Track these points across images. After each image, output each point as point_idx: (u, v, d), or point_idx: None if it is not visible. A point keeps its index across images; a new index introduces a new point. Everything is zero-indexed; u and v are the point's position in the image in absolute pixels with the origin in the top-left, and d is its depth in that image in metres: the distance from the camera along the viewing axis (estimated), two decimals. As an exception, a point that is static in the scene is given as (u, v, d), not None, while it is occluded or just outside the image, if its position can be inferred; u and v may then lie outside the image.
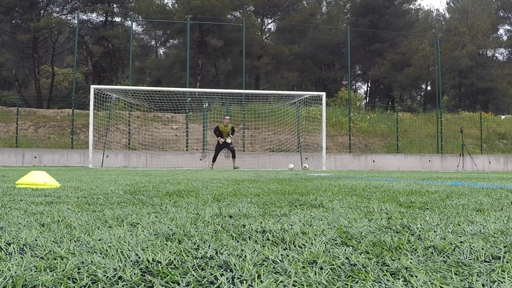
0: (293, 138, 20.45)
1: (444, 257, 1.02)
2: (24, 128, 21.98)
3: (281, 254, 1.03)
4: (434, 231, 1.35)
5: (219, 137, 14.99)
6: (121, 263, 0.94)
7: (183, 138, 20.64)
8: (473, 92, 40.16)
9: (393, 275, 0.87)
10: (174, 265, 0.93)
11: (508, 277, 0.85)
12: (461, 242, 1.18)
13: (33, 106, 27.41)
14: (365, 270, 0.90)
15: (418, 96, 45.94)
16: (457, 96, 42.66)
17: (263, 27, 40.09)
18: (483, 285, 0.82)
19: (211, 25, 31.69)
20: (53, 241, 1.15)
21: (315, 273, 0.87)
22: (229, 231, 1.34)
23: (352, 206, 2.12)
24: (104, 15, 36.92)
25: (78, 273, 0.86)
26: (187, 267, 0.91)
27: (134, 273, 0.86)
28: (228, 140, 15.04)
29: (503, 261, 0.98)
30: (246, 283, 0.82)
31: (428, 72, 36.61)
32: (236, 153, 19.91)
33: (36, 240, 1.16)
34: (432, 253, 1.07)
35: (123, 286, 0.80)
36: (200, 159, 14.93)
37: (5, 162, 17.73)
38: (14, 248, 1.06)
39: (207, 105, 20.07)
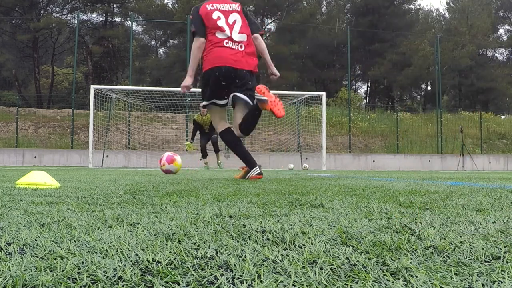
0: (293, 138, 20.45)
1: (444, 257, 1.02)
2: (24, 128, 21.98)
3: (281, 254, 1.03)
4: (434, 231, 1.35)
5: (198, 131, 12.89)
6: (121, 263, 0.94)
7: (183, 138, 20.64)
8: (473, 92, 40.18)
9: (393, 275, 0.87)
10: (174, 265, 0.93)
11: (508, 277, 0.85)
12: (461, 242, 1.18)
13: (33, 106, 27.41)
14: (365, 270, 0.90)
15: (418, 96, 45.96)
16: (457, 96, 42.68)
17: (263, 27, 40.09)
18: (483, 285, 0.82)
19: (211, 25, 31.66)
20: (53, 241, 1.15)
21: (315, 273, 0.87)
22: (229, 231, 1.34)
23: (352, 206, 2.12)
24: (104, 15, 36.95)
25: (78, 273, 0.86)
26: (187, 267, 0.91)
27: (134, 273, 0.86)
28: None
29: (503, 261, 0.98)
30: (246, 283, 0.82)
31: (428, 72, 36.63)
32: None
33: (36, 240, 1.16)
34: (432, 253, 1.07)
35: (123, 286, 0.80)
36: (200, 159, 14.92)
37: (5, 162, 17.72)
38: (14, 248, 1.06)
39: (207, 105, 20.07)
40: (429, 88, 42.71)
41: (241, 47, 4.69)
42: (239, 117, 4.88)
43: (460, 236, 1.27)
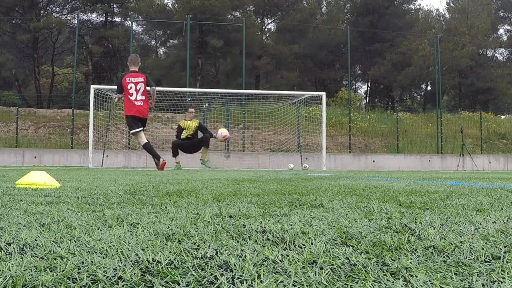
0: (293, 138, 20.45)
1: (444, 257, 1.02)
2: (24, 128, 21.98)
3: (281, 254, 1.03)
4: (434, 231, 1.35)
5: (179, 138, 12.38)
6: (121, 263, 0.94)
7: (183, 138, 20.62)
8: (473, 92, 40.16)
9: (393, 275, 0.87)
10: (174, 265, 0.93)
11: (508, 277, 0.85)
12: (461, 242, 1.18)
13: (33, 106, 27.40)
14: (365, 270, 0.90)
15: (418, 96, 45.94)
16: (457, 96, 42.66)
17: (263, 27, 40.07)
18: (483, 285, 0.82)
19: (211, 25, 31.69)
20: (53, 241, 1.15)
21: (315, 273, 0.87)
22: (229, 231, 1.34)
23: (352, 206, 2.12)
24: (104, 15, 36.93)
25: (78, 273, 0.86)
26: (187, 267, 0.91)
27: (134, 273, 0.86)
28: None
29: (503, 261, 0.98)
30: (246, 283, 0.82)
31: (428, 72, 36.61)
32: (236, 153, 19.95)
33: (36, 240, 1.16)
34: (432, 253, 1.07)
35: (123, 286, 0.80)
36: (200, 159, 14.88)
37: (5, 162, 17.72)
38: (14, 248, 1.06)
39: (207, 105, 20.08)
40: (429, 88, 42.69)
41: (141, 102, 9.07)
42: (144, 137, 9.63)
43: (460, 236, 1.27)
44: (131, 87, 8.87)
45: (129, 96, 8.86)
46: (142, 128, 9.15)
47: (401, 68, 36.17)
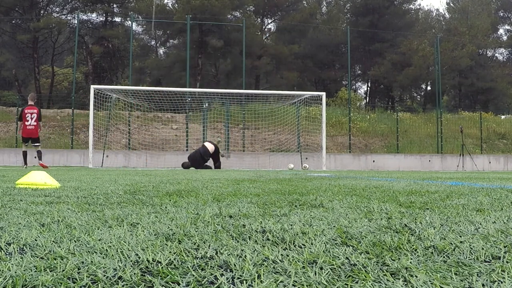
0: (293, 138, 20.45)
1: (444, 257, 1.02)
2: (24, 128, 21.95)
3: (281, 254, 1.03)
4: (434, 231, 1.35)
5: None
6: (121, 263, 0.94)
7: (183, 138, 20.63)
8: (473, 92, 40.16)
9: (393, 275, 0.87)
10: (174, 265, 0.93)
11: (508, 277, 0.85)
12: (461, 242, 1.18)
13: (33, 106, 27.36)
14: (365, 270, 0.90)
15: (418, 96, 45.93)
16: (457, 96, 42.68)
17: (263, 27, 40.08)
18: (483, 285, 0.82)
19: (211, 25, 31.70)
20: (53, 241, 1.15)
21: (315, 273, 0.87)
22: (229, 231, 1.35)
23: (352, 206, 2.12)
24: (104, 15, 36.93)
25: (78, 273, 0.86)
26: (187, 267, 0.91)
27: (134, 273, 0.86)
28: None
29: (503, 261, 0.98)
30: (246, 283, 0.82)
31: (428, 72, 36.60)
32: (236, 153, 19.97)
33: (36, 240, 1.16)
34: (432, 253, 1.07)
35: (123, 286, 0.80)
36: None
37: (5, 162, 17.72)
38: (14, 248, 1.07)
39: (207, 105, 20.08)
40: (429, 88, 42.68)
41: (33, 127, 12.34)
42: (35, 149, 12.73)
43: (460, 236, 1.27)
44: (28, 116, 12.19)
45: (25, 122, 12.17)
46: (26, 144, 12.51)
47: (401, 68, 36.16)
